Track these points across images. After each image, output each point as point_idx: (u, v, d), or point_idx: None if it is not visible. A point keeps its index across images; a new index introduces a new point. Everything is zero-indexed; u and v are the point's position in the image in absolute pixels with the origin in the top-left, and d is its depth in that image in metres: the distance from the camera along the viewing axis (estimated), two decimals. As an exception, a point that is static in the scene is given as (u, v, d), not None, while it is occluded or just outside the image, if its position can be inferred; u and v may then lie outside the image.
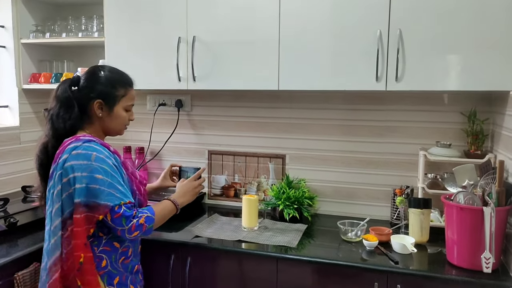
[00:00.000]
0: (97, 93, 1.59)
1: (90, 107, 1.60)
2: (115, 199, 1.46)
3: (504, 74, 1.72)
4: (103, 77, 1.62)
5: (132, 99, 1.70)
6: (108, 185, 1.47)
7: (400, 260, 1.74)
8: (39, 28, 2.58)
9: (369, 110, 2.28)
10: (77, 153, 1.48)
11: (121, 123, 1.68)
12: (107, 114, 1.62)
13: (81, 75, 1.65)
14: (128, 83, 1.68)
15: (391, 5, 1.84)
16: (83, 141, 1.53)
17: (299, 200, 2.24)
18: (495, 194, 1.60)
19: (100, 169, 1.47)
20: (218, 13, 2.09)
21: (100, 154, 1.50)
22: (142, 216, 1.51)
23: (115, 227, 1.47)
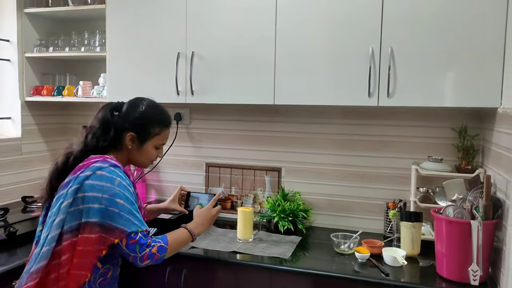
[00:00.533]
0: (131, 125, 1.64)
1: (123, 136, 1.64)
2: (133, 226, 1.49)
3: (492, 91, 1.77)
4: (142, 112, 1.67)
5: (165, 139, 1.74)
6: (127, 212, 1.49)
7: (391, 272, 1.77)
8: (43, 42, 2.66)
9: (363, 125, 2.33)
10: (101, 174, 1.51)
11: (148, 158, 1.72)
12: (137, 148, 1.67)
13: (124, 103, 1.71)
14: (165, 123, 1.73)
15: (382, 24, 1.90)
16: (109, 164, 1.55)
17: (294, 212, 2.27)
18: (482, 208, 1.64)
19: (122, 195, 1.50)
20: (216, 30, 2.16)
21: (123, 181, 1.53)
22: (155, 246, 1.54)
23: (129, 253, 1.50)
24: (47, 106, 2.81)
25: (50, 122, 2.86)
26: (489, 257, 1.69)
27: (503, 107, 1.72)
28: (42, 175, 2.75)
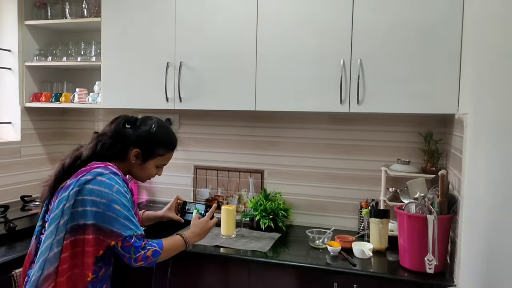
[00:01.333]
0: (139, 143, 1.75)
1: (129, 150, 1.75)
2: (129, 230, 1.58)
3: (449, 99, 1.95)
4: (153, 133, 1.77)
5: (167, 160, 1.85)
6: (124, 217, 1.59)
7: (359, 263, 1.94)
8: (42, 52, 2.83)
9: (339, 130, 2.51)
10: (101, 180, 1.59)
11: (147, 175, 1.83)
12: (139, 164, 1.77)
13: (138, 118, 1.83)
14: (171, 147, 1.84)
15: (352, 38, 2.09)
16: (110, 171, 1.64)
17: (275, 211, 2.44)
18: (438, 204, 1.81)
19: (119, 201, 1.59)
20: (202, 42, 2.34)
21: (121, 188, 1.62)
22: (150, 249, 1.63)
23: (124, 254, 1.60)
24: (45, 111, 2.98)
25: (48, 127, 3.03)
26: (445, 248, 1.86)
27: (459, 113, 1.90)
28: (40, 176, 2.93)
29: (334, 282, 1.88)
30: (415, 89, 2.01)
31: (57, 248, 1.55)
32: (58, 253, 1.55)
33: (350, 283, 1.86)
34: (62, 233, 1.56)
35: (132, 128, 1.78)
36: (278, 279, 1.99)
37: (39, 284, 1.54)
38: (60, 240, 1.55)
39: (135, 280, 2.16)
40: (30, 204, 2.55)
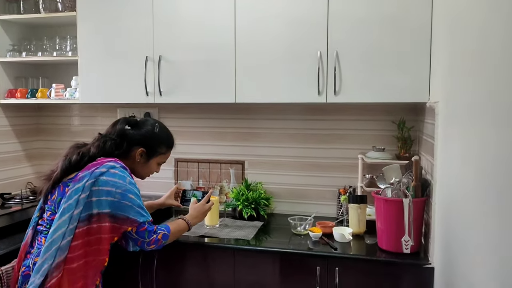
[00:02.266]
0: (144, 142, 1.90)
1: (133, 149, 1.88)
2: (142, 217, 1.74)
3: (421, 88, 2.06)
4: (156, 133, 1.93)
5: (166, 158, 2.02)
6: (137, 205, 1.74)
7: (340, 247, 2.04)
8: (15, 47, 2.78)
9: (316, 120, 2.59)
10: (114, 173, 1.72)
11: (148, 172, 1.98)
12: (143, 162, 1.92)
13: (138, 120, 1.97)
14: (171, 145, 2.01)
15: (328, 30, 2.16)
16: (120, 165, 1.78)
17: (256, 200, 2.51)
18: (412, 188, 1.92)
19: (132, 191, 1.74)
20: (181, 35, 2.37)
21: (132, 180, 1.78)
22: (160, 233, 1.80)
23: (138, 238, 1.75)
24: (20, 108, 2.94)
25: (23, 123, 2.99)
26: (420, 230, 1.97)
27: (430, 101, 2.01)
28: (17, 174, 2.91)
29: (317, 266, 1.97)
30: (388, 79, 2.11)
31: (69, 237, 1.63)
32: (69, 242, 1.63)
33: (332, 266, 1.95)
34: (75, 223, 1.64)
35: (133, 129, 1.91)
36: (263, 266, 2.06)
37: (49, 272, 1.60)
38: (72, 229, 1.64)
39: (122, 271, 2.19)
40: (10, 202, 2.52)
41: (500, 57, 1.05)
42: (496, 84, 1.08)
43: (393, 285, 1.91)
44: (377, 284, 1.92)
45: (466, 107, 1.38)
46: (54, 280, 1.60)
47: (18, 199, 2.54)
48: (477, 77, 1.26)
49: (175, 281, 2.17)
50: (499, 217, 1.03)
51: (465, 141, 1.37)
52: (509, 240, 0.97)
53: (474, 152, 1.27)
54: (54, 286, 1.60)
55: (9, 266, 1.93)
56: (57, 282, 1.61)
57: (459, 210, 1.44)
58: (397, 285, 1.90)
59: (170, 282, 2.18)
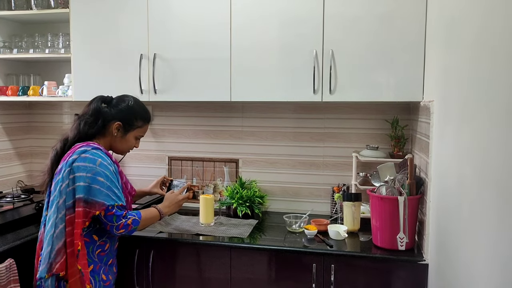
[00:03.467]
0: (120, 116, 1.92)
1: (109, 125, 1.91)
2: (111, 200, 1.75)
3: (415, 87, 2.09)
4: (131, 106, 1.96)
5: (145, 132, 2.04)
6: (106, 188, 1.75)
7: (335, 244, 2.05)
8: (6, 44, 2.74)
9: (310, 119, 2.60)
10: (85, 157, 1.76)
11: (128, 147, 2.00)
12: (120, 136, 1.94)
13: (113, 98, 1.99)
14: (147, 119, 2.02)
15: (324, 29, 2.17)
16: (92, 147, 1.81)
17: (251, 199, 2.51)
18: (407, 186, 1.95)
19: (102, 173, 1.76)
20: (176, 33, 2.36)
21: (104, 161, 1.78)
22: (130, 218, 1.80)
23: (107, 222, 1.76)
24: (11, 105, 2.90)
25: (14, 121, 2.95)
26: (414, 227, 2.00)
27: (424, 100, 2.04)
28: (7, 172, 2.87)
29: (313, 263, 1.99)
30: (383, 78, 2.13)
31: (61, 225, 1.73)
32: (63, 229, 1.73)
33: (328, 263, 1.97)
34: (63, 211, 1.73)
35: (108, 106, 1.94)
36: (260, 264, 2.07)
37: (52, 259, 1.72)
38: (62, 217, 1.73)
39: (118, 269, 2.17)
40: (1, 200, 2.49)
41: (496, 55, 1.07)
42: (491, 83, 1.10)
43: (389, 281, 1.93)
44: (372, 280, 1.95)
45: (461, 106, 1.40)
46: (58, 265, 1.71)
47: (9, 197, 2.50)
48: (472, 76, 1.28)
49: (170, 279, 2.17)
50: (495, 214, 1.06)
51: (461, 139, 1.40)
52: (504, 237, 0.99)
53: (470, 150, 1.29)
54: (59, 270, 1.71)
55: (2, 266, 1.92)
56: (61, 266, 1.71)
57: (454, 208, 1.46)
58: (392, 281, 1.93)
59: (165, 280, 2.17)
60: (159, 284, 2.18)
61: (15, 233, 2.15)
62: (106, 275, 1.85)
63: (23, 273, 1.97)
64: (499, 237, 1.03)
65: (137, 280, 2.18)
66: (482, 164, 1.17)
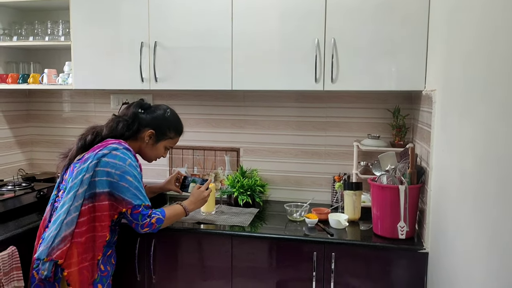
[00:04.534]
0: (154, 124, 1.99)
1: (143, 131, 1.98)
2: (138, 200, 1.81)
3: (417, 76, 2.08)
4: (167, 117, 2.04)
5: (175, 143, 2.11)
6: (134, 187, 1.80)
7: (336, 233, 2.06)
8: (6, 31, 2.72)
9: (312, 108, 2.60)
10: (116, 154, 1.81)
11: (156, 155, 2.06)
12: (151, 144, 2.01)
13: (151, 104, 2.06)
14: (180, 131, 2.10)
15: (326, 17, 2.15)
16: (123, 147, 1.86)
17: (252, 187, 2.52)
18: (408, 175, 1.95)
19: (131, 173, 1.81)
20: (177, 20, 2.34)
21: (133, 162, 1.84)
22: (155, 217, 1.85)
23: (132, 220, 1.82)
24: (11, 93, 2.89)
25: (14, 109, 2.95)
26: (415, 216, 2.01)
27: (426, 90, 2.03)
28: (8, 160, 2.88)
29: (313, 252, 2.00)
30: (385, 67, 2.12)
31: (74, 213, 1.75)
32: (76, 218, 1.75)
33: (329, 252, 1.98)
34: (80, 200, 1.76)
35: (145, 112, 2.01)
36: (261, 252, 2.08)
37: (55, 244, 1.74)
38: (78, 207, 1.76)
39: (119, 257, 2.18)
40: (3, 189, 2.49)
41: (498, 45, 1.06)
42: (494, 72, 1.09)
43: (389, 269, 1.95)
44: (373, 268, 1.96)
45: (464, 95, 1.40)
46: (59, 252, 1.73)
47: (10, 186, 2.51)
48: (475, 65, 1.27)
49: (172, 267, 2.18)
50: (495, 203, 1.06)
51: (463, 129, 1.39)
52: (504, 226, 0.99)
53: (471, 139, 1.29)
54: (59, 257, 1.73)
55: (5, 253, 1.93)
56: (62, 254, 1.73)
57: (455, 197, 1.47)
58: (393, 269, 1.94)
59: (167, 268, 2.19)
60: (161, 272, 2.19)
61: (17, 221, 2.16)
62: (104, 265, 1.87)
63: (24, 260, 1.98)
64: (499, 226, 1.03)
65: (138, 268, 2.19)
66: (484, 154, 1.17)
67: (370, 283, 1.97)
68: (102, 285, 1.85)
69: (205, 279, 2.15)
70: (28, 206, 2.35)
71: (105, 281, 1.87)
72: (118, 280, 2.14)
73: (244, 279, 2.10)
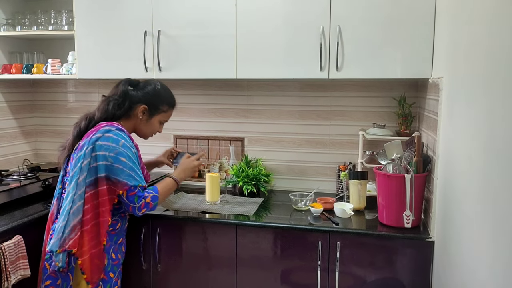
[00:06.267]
0: (146, 99, 1.94)
1: (135, 108, 1.93)
2: (133, 180, 1.78)
3: (423, 64, 2.05)
4: (158, 90, 1.99)
5: (169, 117, 2.06)
6: (129, 168, 1.77)
7: (341, 222, 2.06)
8: (9, 21, 2.71)
9: (317, 97, 2.58)
10: (108, 136, 1.78)
11: (151, 131, 2.02)
12: (145, 119, 1.97)
13: (140, 81, 2.01)
14: (173, 104, 2.05)
15: (331, 5, 2.13)
16: (116, 128, 1.83)
17: (257, 177, 2.51)
18: (414, 164, 1.93)
19: (125, 154, 1.78)
20: (181, 9, 2.32)
21: (126, 143, 1.81)
22: (149, 196, 1.81)
23: (129, 203, 1.79)
24: (15, 83, 2.89)
25: (19, 99, 2.94)
26: (421, 205, 1.99)
27: (433, 77, 2.00)
28: (13, 150, 2.88)
29: (318, 241, 1.99)
30: (390, 55, 2.09)
31: (79, 202, 1.75)
32: (81, 206, 1.75)
33: (334, 241, 1.98)
34: (82, 188, 1.75)
35: (135, 89, 1.96)
36: (266, 241, 2.08)
37: (66, 234, 1.74)
38: (81, 195, 1.75)
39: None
40: (8, 178, 2.50)
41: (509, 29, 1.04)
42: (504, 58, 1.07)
43: (394, 258, 1.94)
44: (378, 257, 1.96)
45: (472, 82, 1.38)
46: (71, 242, 1.73)
47: (16, 175, 2.51)
48: (484, 51, 1.25)
49: (177, 256, 2.19)
50: (502, 192, 1.04)
51: (471, 116, 1.37)
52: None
53: (479, 127, 1.27)
54: (72, 247, 1.73)
55: (11, 243, 1.93)
56: (74, 243, 1.73)
57: (461, 185, 1.45)
58: (398, 258, 1.94)
59: (172, 257, 2.19)
60: (166, 261, 2.20)
61: (22, 211, 2.17)
62: (115, 254, 1.87)
63: (30, 249, 1.99)
64: (506, 214, 1.02)
65: (144, 257, 2.20)
66: (491, 142, 1.15)
67: (375, 272, 1.97)
68: (113, 273, 1.86)
69: (210, 268, 2.16)
70: (34, 195, 2.35)
71: (116, 269, 1.88)
72: (123, 269, 2.13)
73: (248, 268, 2.11)
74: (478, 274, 1.25)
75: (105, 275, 1.82)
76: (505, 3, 1.09)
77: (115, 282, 1.88)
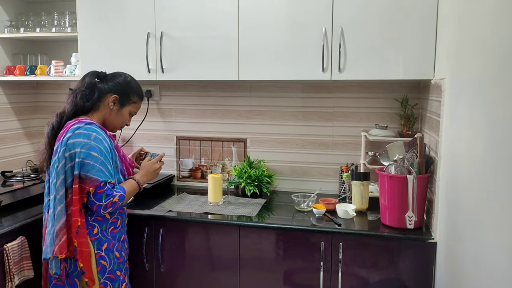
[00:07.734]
0: (117, 89, 1.90)
1: (105, 98, 1.88)
2: (104, 176, 1.73)
3: (426, 65, 2.05)
4: (128, 81, 1.95)
5: (138, 108, 2.02)
6: (100, 163, 1.73)
7: (343, 223, 2.06)
8: (13, 23, 2.72)
9: (319, 98, 2.58)
10: (79, 132, 1.74)
11: (121, 122, 1.96)
12: (116, 109, 1.91)
13: (107, 74, 1.97)
14: (142, 96, 2.02)
15: (333, 5, 2.13)
16: (84, 123, 1.78)
17: (259, 178, 2.52)
18: (417, 165, 1.93)
19: (97, 148, 1.73)
20: (184, 11, 2.33)
21: (98, 135, 1.76)
22: (117, 195, 1.75)
23: (95, 201, 1.71)
24: (19, 85, 2.90)
25: (22, 101, 2.96)
26: (423, 206, 1.99)
27: (435, 78, 2.00)
28: (16, 152, 2.90)
29: (321, 242, 1.99)
30: (393, 56, 2.10)
31: (60, 206, 1.72)
32: (63, 209, 1.72)
33: (337, 242, 1.98)
34: (61, 191, 1.72)
35: (102, 81, 1.91)
36: (268, 242, 2.08)
37: (52, 240, 1.72)
38: (61, 199, 1.72)
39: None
40: (12, 180, 2.51)
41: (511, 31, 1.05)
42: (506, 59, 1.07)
43: (397, 259, 1.94)
44: (381, 258, 1.96)
45: (474, 83, 1.38)
46: (56, 248, 1.70)
47: (19, 177, 2.53)
48: (486, 53, 1.25)
49: (179, 257, 2.19)
50: (505, 193, 1.04)
51: (473, 118, 1.38)
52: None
53: (481, 128, 1.27)
54: (58, 253, 1.71)
55: (14, 244, 1.95)
56: (60, 249, 1.71)
57: (464, 186, 1.45)
58: (401, 259, 1.94)
59: (174, 258, 2.20)
60: (169, 262, 2.21)
61: (26, 212, 2.18)
62: (119, 252, 1.87)
63: (34, 250, 2.00)
64: (510, 215, 1.02)
65: (146, 258, 2.21)
66: (494, 143, 1.15)
67: (378, 273, 1.97)
68: (120, 271, 1.86)
69: (212, 269, 2.16)
70: (37, 196, 2.36)
71: (122, 267, 1.88)
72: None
73: (251, 269, 2.11)
74: (481, 275, 1.25)
75: (112, 274, 1.82)
76: (508, 5, 1.09)
77: (122, 280, 1.88)
